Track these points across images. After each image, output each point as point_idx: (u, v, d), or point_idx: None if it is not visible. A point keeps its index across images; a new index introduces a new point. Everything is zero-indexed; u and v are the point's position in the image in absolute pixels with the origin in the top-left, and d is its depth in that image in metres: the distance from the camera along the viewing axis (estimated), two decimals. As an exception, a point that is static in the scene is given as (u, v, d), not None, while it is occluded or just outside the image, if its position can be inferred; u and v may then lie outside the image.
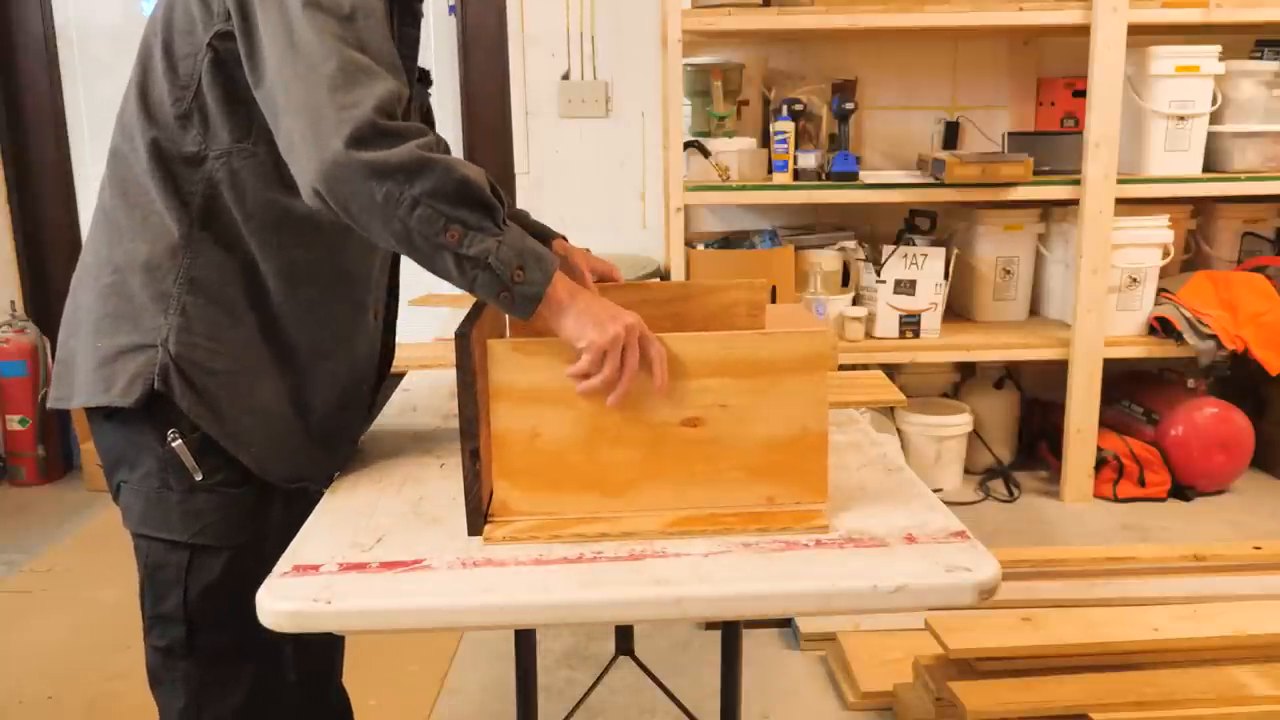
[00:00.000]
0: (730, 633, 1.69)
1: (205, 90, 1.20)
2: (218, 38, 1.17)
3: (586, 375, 1.14)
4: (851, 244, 3.40)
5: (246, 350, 1.27)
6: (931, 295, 3.27)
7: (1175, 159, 3.21)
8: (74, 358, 1.28)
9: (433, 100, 1.57)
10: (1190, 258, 3.54)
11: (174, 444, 1.24)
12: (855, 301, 3.33)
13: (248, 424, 1.27)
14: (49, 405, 1.35)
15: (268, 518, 1.32)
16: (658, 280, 2.99)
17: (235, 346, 1.26)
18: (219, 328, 1.25)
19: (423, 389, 1.78)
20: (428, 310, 2.89)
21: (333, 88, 1.06)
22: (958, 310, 3.51)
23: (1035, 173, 3.13)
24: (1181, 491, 3.28)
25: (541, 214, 1.62)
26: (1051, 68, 3.56)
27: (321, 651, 1.59)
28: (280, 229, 1.25)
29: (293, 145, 1.09)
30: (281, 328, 1.28)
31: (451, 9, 3.62)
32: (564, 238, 1.57)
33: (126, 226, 1.25)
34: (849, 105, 3.22)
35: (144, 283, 1.23)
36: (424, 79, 1.47)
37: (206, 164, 1.22)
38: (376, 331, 1.45)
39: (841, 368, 2.89)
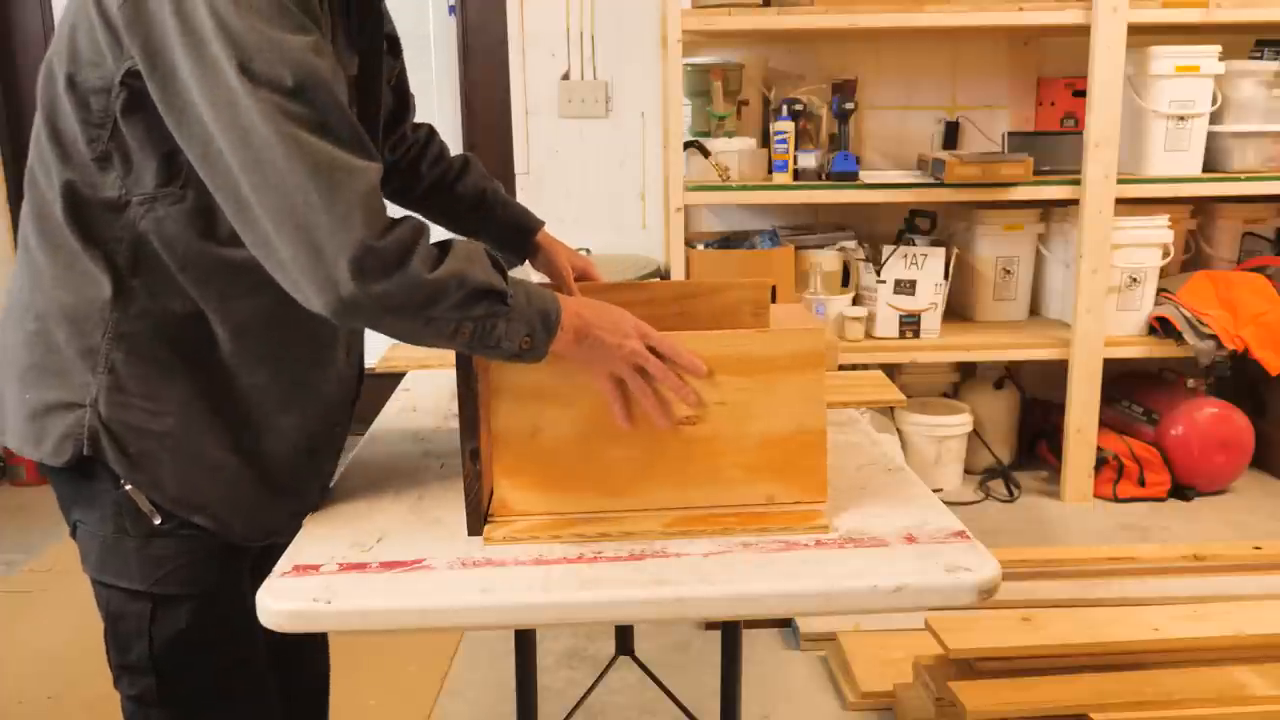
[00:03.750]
0: (730, 633, 1.69)
1: (124, 130, 1.07)
2: (131, 75, 1.04)
3: (625, 409, 1.16)
4: (851, 244, 3.40)
5: (192, 408, 1.15)
6: (931, 295, 3.27)
7: (1175, 159, 3.21)
8: (5, 396, 1.19)
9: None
10: (1190, 258, 3.54)
11: (128, 487, 1.14)
12: (855, 301, 3.33)
13: (199, 485, 1.17)
14: None
15: (238, 560, 1.24)
16: (661, 280, 2.99)
17: (178, 405, 1.14)
18: (157, 386, 1.14)
19: (423, 389, 1.78)
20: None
21: (312, 206, 0.97)
22: (958, 310, 3.51)
23: (1035, 173, 3.13)
24: (1181, 491, 3.27)
25: (541, 214, 1.62)
26: (1051, 68, 3.56)
27: (312, 683, 1.55)
28: (219, 278, 1.13)
29: (282, 264, 1.00)
30: (233, 382, 1.17)
31: (451, 9, 3.62)
32: (543, 223, 1.56)
33: (48, 270, 1.13)
34: (849, 105, 3.22)
35: (69, 336, 1.13)
36: (393, 49, 1.39)
37: (129, 210, 1.10)
38: (349, 368, 1.33)
39: (841, 368, 2.88)
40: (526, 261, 1.60)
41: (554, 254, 1.56)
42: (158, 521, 1.16)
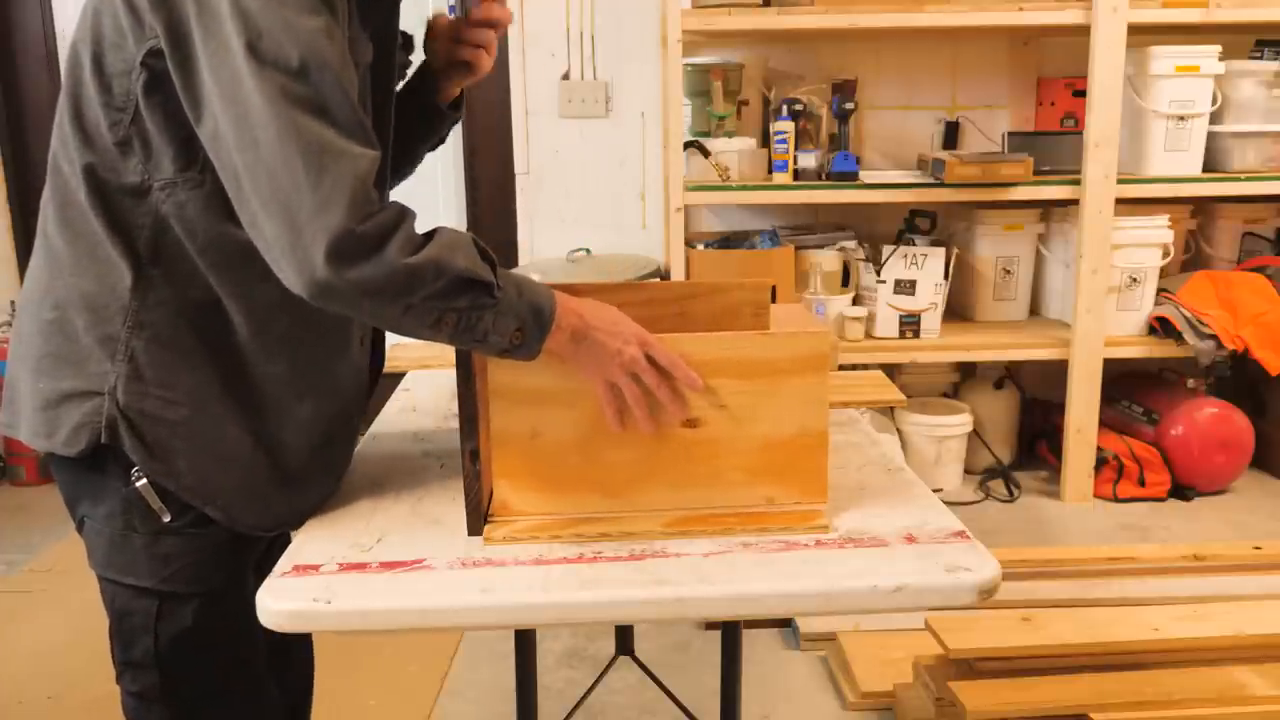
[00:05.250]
0: (730, 633, 1.69)
1: (144, 114, 1.08)
2: (151, 55, 1.05)
3: (619, 413, 1.15)
4: (851, 244, 3.40)
5: (208, 396, 1.15)
6: (931, 295, 3.27)
7: (1175, 159, 3.21)
8: (18, 386, 1.19)
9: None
10: (1190, 258, 3.54)
11: (138, 484, 1.14)
12: (855, 301, 3.33)
13: (212, 475, 1.16)
14: None
15: (246, 558, 1.24)
16: (661, 280, 2.99)
17: (194, 393, 1.14)
18: (174, 374, 1.13)
19: (423, 389, 1.78)
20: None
21: (298, 187, 0.98)
22: (958, 310, 3.51)
23: (1035, 173, 3.13)
24: (1181, 491, 3.27)
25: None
26: (1051, 68, 3.56)
27: (298, 683, 1.54)
28: (239, 264, 1.12)
29: (266, 242, 1.02)
30: (250, 370, 1.17)
31: (451, 9, 3.62)
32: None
33: (68, 258, 1.13)
34: (849, 105, 3.22)
35: (89, 324, 1.13)
36: (406, 45, 1.37)
37: (151, 195, 1.10)
38: (364, 359, 1.32)
39: (841, 368, 2.89)
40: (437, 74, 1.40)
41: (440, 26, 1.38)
42: (167, 519, 1.15)
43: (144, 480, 1.14)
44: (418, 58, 1.41)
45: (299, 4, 1.00)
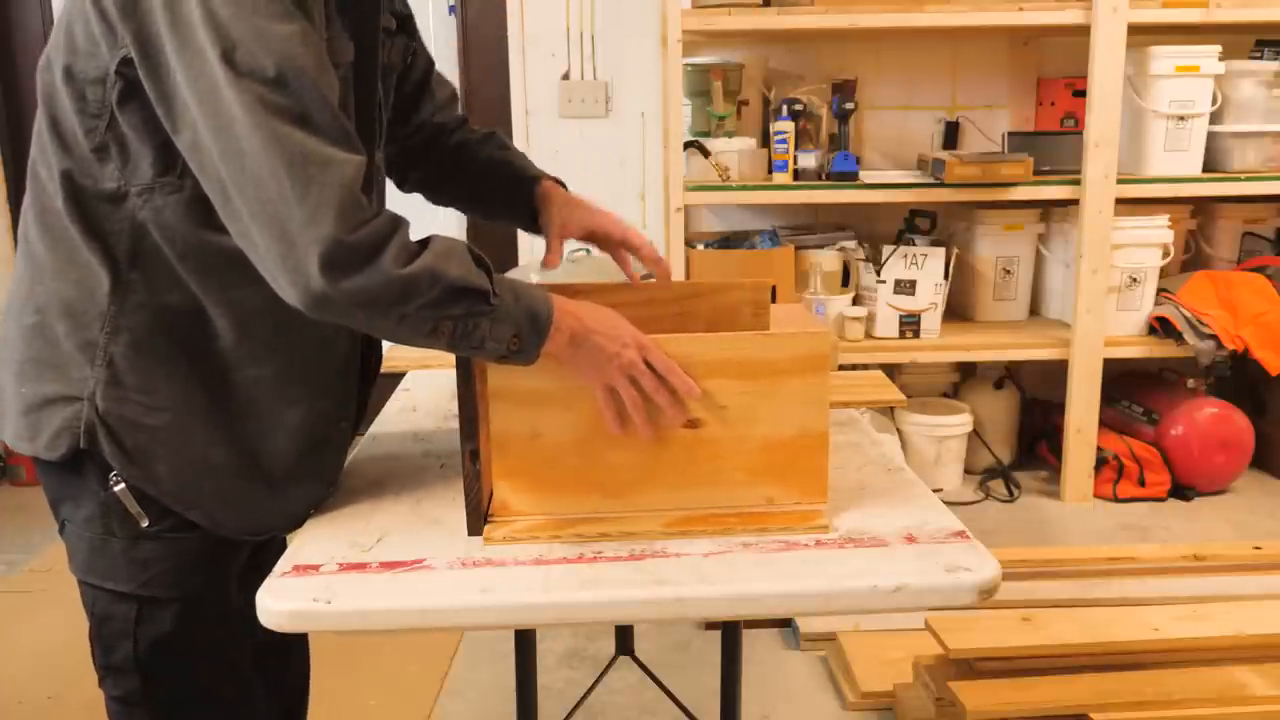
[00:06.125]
0: (730, 633, 1.69)
1: (120, 120, 1.07)
2: (125, 64, 1.04)
3: (619, 416, 1.15)
4: (851, 244, 3.40)
5: (189, 402, 1.14)
6: (931, 295, 3.27)
7: (1175, 159, 3.21)
8: (3, 390, 1.19)
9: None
10: (1190, 258, 3.54)
11: (116, 489, 1.13)
12: (855, 301, 3.33)
13: (194, 480, 1.15)
14: None
15: (228, 562, 1.23)
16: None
17: (174, 399, 1.14)
18: (154, 379, 1.13)
19: (423, 389, 1.78)
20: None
21: (285, 198, 0.97)
22: (958, 310, 3.51)
23: (1035, 173, 3.13)
24: (1181, 491, 3.27)
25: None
26: (1051, 68, 3.56)
27: (294, 683, 1.53)
28: (221, 269, 1.11)
29: (259, 255, 1.01)
30: (233, 375, 1.16)
31: (451, 9, 3.63)
32: (552, 179, 1.53)
33: (48, 263, 1.13)
34: (849, 105, 3.22)
35: (68, 329, 1.12)
36: (405, 27, 1.36)
37: (128, 201, 1.09)
38: (353, 363, 1.30)
39: (841, 368, 2.89)
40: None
41: (553, 205, 1.47)
42: (145, 524, 1.15)
43: (121, 485, 1.13)
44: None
45: (271, 11, 0.99)
